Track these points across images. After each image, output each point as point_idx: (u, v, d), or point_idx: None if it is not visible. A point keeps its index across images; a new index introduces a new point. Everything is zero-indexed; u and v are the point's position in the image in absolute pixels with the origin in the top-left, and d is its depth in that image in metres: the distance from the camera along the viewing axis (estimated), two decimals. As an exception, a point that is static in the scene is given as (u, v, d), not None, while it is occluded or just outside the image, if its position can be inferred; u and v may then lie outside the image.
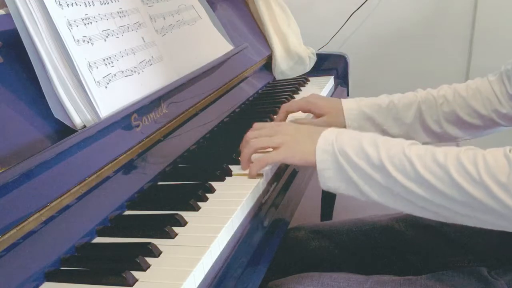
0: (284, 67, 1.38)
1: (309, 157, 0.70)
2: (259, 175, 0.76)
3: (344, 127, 0.93)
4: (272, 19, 1.39)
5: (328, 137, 0.70)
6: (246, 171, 0.76)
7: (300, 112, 0.99)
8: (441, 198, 0.61)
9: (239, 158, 0.79)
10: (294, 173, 0.84)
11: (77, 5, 0.72)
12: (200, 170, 0.81)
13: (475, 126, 0.89)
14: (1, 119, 0.61)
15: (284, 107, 0.97)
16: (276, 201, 0.75)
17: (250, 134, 0.78)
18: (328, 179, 0.69)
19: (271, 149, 0.75)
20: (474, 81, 0.91)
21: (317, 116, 0.96)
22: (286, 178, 0.82)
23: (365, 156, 0.66)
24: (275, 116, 1.01)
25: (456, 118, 0.89)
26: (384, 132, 0.92)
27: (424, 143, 0.67)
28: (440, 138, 0.93)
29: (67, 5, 0.70)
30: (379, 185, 0.65)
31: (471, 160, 0.59)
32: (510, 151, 0.58)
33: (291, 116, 0.99)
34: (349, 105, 0.94)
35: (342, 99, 0.95)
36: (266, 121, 0.98)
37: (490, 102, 0.87)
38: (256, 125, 0.80)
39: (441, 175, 0.60)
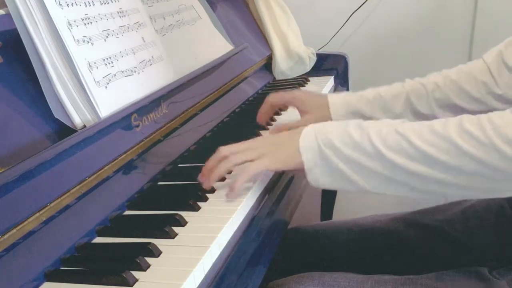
0: (284, 67, 1.38)
1: (294, 159, 0.67)
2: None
3: None
4: (272, 19, 1.39)
5: (309, 133, 0.67)
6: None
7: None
8: (447, 171, 0.56)
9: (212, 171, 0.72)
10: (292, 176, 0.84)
11: (77, 5, 0.72)
12: (200, 170, 0.81)
13: (469, 111, 0.85)
14: (1, 119, 0.61)
15: (269, 99, 0.93)
16: (276, 201, 0.75)
17: (225, 149, 0.72)
18: (319, 176, 0.66)
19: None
20: (466, 65, 0.87)
21: (302, 112, 0.92)
22: (285, 179, 0.82)
23: (354, 144, 0.62)
24: (275, 117, 1.00)
25: (449, 103, 0.86)
26: None
27: None
28: None
29: (67, 5, 0.70)
30: (375, 174, 0.61)
31: (476, 124, 0.55)
32: None
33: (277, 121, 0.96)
34: (334, 99, 0.90)
35: (328, 94, 0.92)
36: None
37: (485, 84, 0.83)
38: (223, 147, 0.73)
39: (444, 145, 0.56)
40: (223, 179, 0.76)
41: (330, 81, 1.35)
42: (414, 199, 0.65)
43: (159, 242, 0.59)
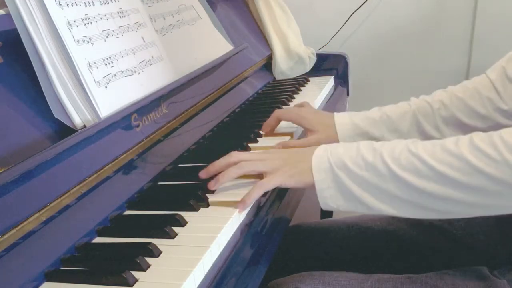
0: (284, 67, 1.38)
1: (307, 179, 0.68)
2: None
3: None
4: (272, 19, 1.39)
5: (322, 154, 0.68)
6: None
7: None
8: (462, 190, 0.57)
9: (220, 174, 0.72)
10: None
11: (77, 5, 0.72)
12: (200, 170, 0.81)
13: (476, 128, 0.85)
14: (1, 119, 0.61)
15: (276, 114, 0.94)
16: (276, 200, 0.75)
17: (238, 155, 0.73)
18: (329, 199, 0.66)
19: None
20: (470, 81, 0.87)
21: (308, 130, 0.92)
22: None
23: (367, 165, 0.63)
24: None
25: (455, 121, 0.86)
26: None
27: None
28: None
29: (67, 5, 0.70)
30: (388, 195, 0.61)
31: (487, 142, 0.56)
32: None
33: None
34: (341, 120, 0.90)
35: (334, 114, 0.92)
36: (265, 120, 0.97)
37: (491, 101, 0.83)
38: (236, 152, 0.74)
39: (458, 164, 0.57)
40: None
41: (330, 81, 1.35)
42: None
43: (159, 242, 0.59)
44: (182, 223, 0.64)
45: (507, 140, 0.55)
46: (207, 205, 0.69)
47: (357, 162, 0.64)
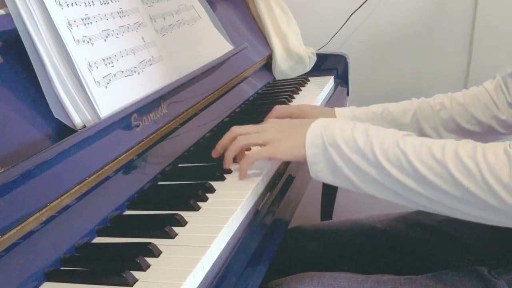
0: (284, 67, 1.38)
1: (298, 152, 0.70)
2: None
3: None
4: (272, 19, 1.39)
5: (317, 129, 0.69)
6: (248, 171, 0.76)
7: None
8: (438, 193, 0.60)
9: (225, 153, 0.77)
10: (292, 176, 0.84)
11: (77, 5, 0.72)
12: (200, 170, 0.82)
13: (474, 133, 0.88)
14: (1, 119, 0.61)
15: (275, 110, 0.94)
16: (276, 201, 0.75)
17: (236, 130, 0.76)
18: (320, 172, 0.69)
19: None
20: (470, 89, 0.90)
21: None
22: (285, 179, 0.82)
23: (357, 149, 0.65)
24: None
25: (454, 125, 0.88)
26: None
27: None
28: None
29: (67, 5, 0.70)
30: (372, 179, 0.64)
31: (471, 156, 0.58)
32: (510, 146, 0.57)
33: None
34: (343, 113, 0.92)
35: (335, 108, 0.93)
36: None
37: (489, 109, 0.86)
38: (236, 127, 0.78)
39: (439, 171, 0.59)
40: (223, 179, 0.76)
41: (330, 81, 1.35)
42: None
43: (159, 242, 0.59)
44: (182, 223, 0.64)
45: (489, 159, 0.57)
46: (207, 202, 0.70)
47: (348, 143, 0.66)
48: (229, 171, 0.78)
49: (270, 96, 1.25)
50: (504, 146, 0.58)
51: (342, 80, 1.44)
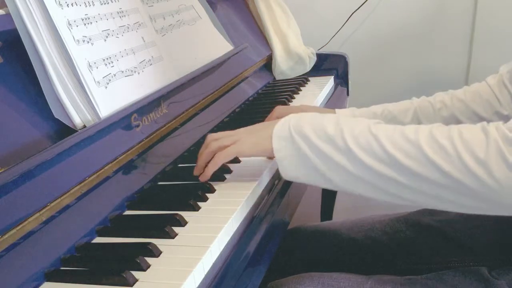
0: (284, 67, 1.38)
1: (264, 145, 0.68)
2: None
3: None
4: (272, 19, 1.39)
5: (285, 122, 0.67)
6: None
7: None
8: (412, 178, 0.57)
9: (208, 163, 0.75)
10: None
11: (77, 5, 0.72)
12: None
13: None
14: (1, 119, 0.61)
15: (276, 111, 0.94)
16: (276, 201, 0.75)
17: (210, 136, 0.75)
18: (288, 167, 0.66)
19: None
20: (471, 86, 0.89)
21: None
22: (285, 179, 0.82)
23: (326, 137, 0.62)
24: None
25: (456, 122, 0.86)
26: None
27: None
28: None
29: (67, 5, 0.70)
30: (342, 168, 0.61)
31: (445, 135, 0.55)
32: (488, 124, 0.55)
33: None
34: (342, 112, 0.92)
35: (336, 110, 0.93)
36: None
37: (491, 105, 0.85)
38: (211, 134, 0.77)
39: (413, 152, 0.56)
40: (223, 179, 0.77)
41: (330, 81, 1.35)
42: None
43: (159, 242, 0.59)
44: (182, 223, 0.64)
45: (464, 136, 0.54)
46: (207, 202, 0.70)
47: (317, 132, 0.63)
48: (229, 171, 0.78)
49: (270, 96, 1.25)
50: (482, 124, 0.55)
51: (342, 80, 1.44)
